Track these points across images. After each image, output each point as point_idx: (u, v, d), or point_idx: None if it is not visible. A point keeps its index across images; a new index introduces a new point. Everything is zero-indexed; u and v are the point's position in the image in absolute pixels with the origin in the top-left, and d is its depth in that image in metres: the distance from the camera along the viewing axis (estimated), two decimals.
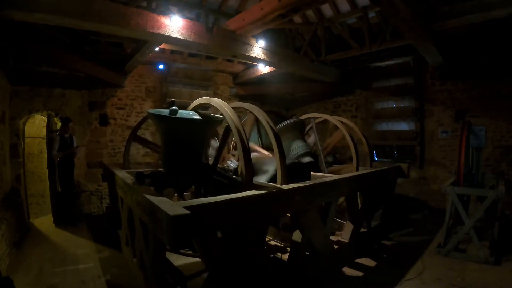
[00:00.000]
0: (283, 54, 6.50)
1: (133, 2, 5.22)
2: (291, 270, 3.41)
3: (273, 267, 3.46)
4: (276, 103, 10.09)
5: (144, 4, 5.61)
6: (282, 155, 3.34)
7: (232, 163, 3.80)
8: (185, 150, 3.23)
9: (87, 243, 5.05)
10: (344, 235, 4.49)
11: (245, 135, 3.14)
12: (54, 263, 4.22)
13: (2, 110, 5.19)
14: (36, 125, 7.16)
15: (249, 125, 3.96)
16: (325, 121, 5.97)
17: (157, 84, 7.85)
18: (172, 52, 7.40)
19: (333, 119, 5.59)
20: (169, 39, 4.68)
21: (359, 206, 4.58)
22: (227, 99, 8.77)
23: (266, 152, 4.05)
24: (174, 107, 3.19)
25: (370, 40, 6.72)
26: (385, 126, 8.21)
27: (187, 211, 2.07)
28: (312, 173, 4.42)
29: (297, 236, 3.48)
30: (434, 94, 7.11)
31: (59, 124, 6.34)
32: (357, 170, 5.05)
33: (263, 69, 7.79)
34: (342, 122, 5.58)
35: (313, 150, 5.23)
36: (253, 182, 3.07)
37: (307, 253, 3.70)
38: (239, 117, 3.28)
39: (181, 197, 3.81)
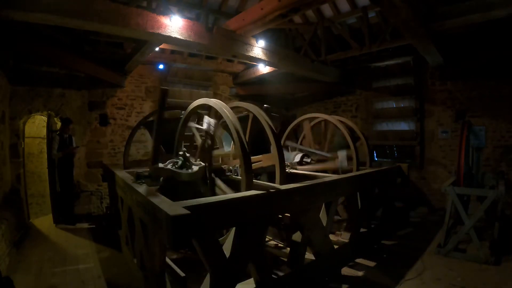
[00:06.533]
0: (283, 54, 6.49)
1: (133, 2, 5.21)
2: (291, 270, 3.41)
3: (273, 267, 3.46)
4: (276, 103, 10.07)
5: (144, 4, 5.60)
6: (282, 156, 3.34)
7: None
8: None
9: (87, 243, 5.05)
10: (344, 235, 4.49)
11: (244, 136, 3.14)
12: (54, 263, 4.22)
13: (2, 110, 5.19)
14: (36, 125, 7.15)
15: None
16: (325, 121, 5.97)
17: (157, 84, 7.84)
18: (172, 52, 7.39)
19: (332, 119, 5.59)
20: (169, 39, 4.68)
21: (359, 206, 4.58)
22: (227, 99, 8.77)
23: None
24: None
25: (370, 40, 6.71)
26: (385, 126, 8.20)
27: (187, 211, 2.08)
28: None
29: (297, 236, 3.48)
30: (434, 94, 7.11)
31: (59, 124, 6.34)
32: (357, 170, 5.05)
33: (263, 69, 7.79)
34: (341, 121, 5.58)
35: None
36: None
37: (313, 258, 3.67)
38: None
39: None
